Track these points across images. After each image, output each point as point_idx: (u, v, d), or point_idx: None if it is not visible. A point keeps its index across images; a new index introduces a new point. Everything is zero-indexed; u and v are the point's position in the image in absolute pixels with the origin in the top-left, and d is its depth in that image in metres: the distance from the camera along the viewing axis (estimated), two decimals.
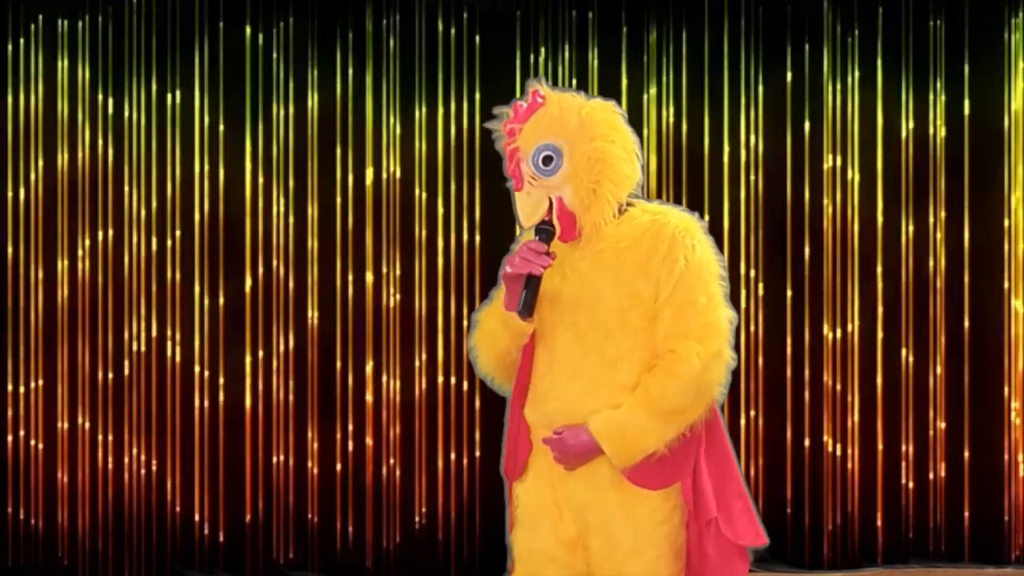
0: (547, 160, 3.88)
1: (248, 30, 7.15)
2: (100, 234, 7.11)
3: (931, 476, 7.20)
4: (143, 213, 7.13)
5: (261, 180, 7.15)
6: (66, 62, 7.11)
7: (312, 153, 7.15)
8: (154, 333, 7.11)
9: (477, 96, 7.16)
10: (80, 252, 7.10)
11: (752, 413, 7.17)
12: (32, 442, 7.10)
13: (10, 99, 7.10)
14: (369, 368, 7.13)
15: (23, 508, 7.10)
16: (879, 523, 7.19)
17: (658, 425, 3.80)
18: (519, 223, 3.96)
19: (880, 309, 7.19)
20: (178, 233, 7.13)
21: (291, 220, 7.15)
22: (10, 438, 7.10)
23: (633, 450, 3.81)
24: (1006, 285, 7.18)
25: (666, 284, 3.82)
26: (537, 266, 3.83)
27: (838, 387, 7.18)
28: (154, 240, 7.13)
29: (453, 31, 7.17)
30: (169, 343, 7.12)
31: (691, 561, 3.91)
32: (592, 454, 3.85)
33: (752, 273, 7.18)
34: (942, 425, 7.20)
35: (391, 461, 7.14)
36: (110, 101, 7.13)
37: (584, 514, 3.90)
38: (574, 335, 3.89)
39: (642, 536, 3.85)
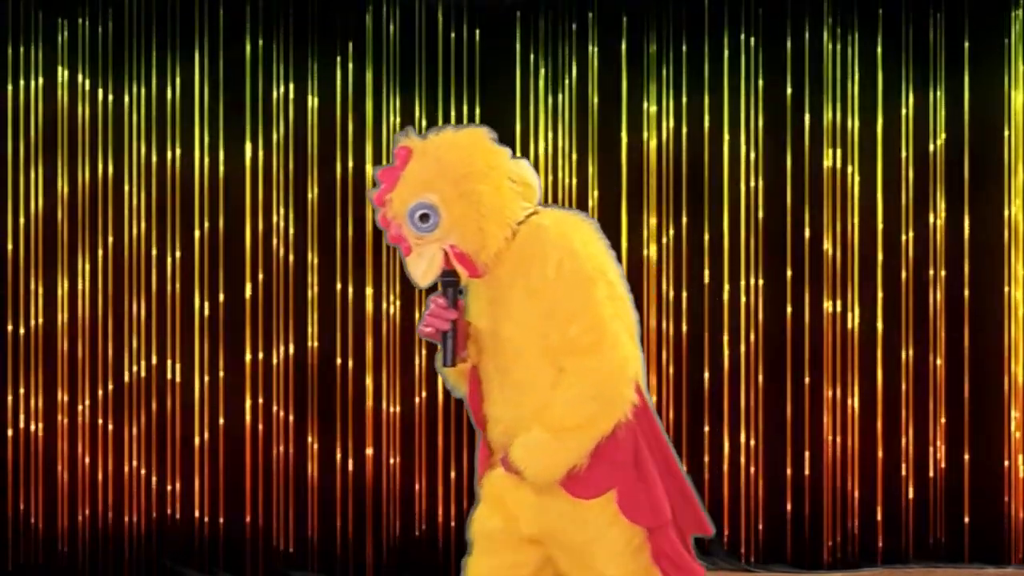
0: (424, 218, 3.89)
1: (248, 31, 7.14)
2: (100, 238, 7.11)
3: (931, 476, 7.21)
4: (143, 213, 7.13)
5: (261, 183, 7.14)
6: (66, 62, 7.11)
7: (312, 156, 7.15)
8: (154, 335, 7.12)
9: (477, 104, 7.15)
10: (80, 254, 7.11)
11: (752, 416, 7.17)
12: (33, 428, 7.11)
13: (10, 99, 7.10)
14: (369, 370, 7.14)
15: (23, 505, 7.11)
16: (879, 523, 7.20)
17: (565, 442, 3.82)
18: (415, 285, 3.98)
19: (880, 309, 7.19)
20: (178, 241, 7.13)
21: (291, 227, 7.15)
22: (10, 431, 7.10)
23: (548, 471, 3.86)
24: (1006, 289, 7.18)
25: (548, 301, 3.84)
26: (444, 322, 3.92)
27: (838, 386, 7.19)
28: (154, 245, 7.13)
29: (453, 34, 7.17)
30: (169, 345, 7.12)
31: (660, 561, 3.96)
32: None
33: (752, 279, 7.18)
34: (943, 421, 7.20)
35: (392, 461, 7.14)
36: (110, 98, 7.12)
37: (540, 523, 3.93)
38: (494, 364, 3.96)
39: (595, 538, 3.88)
